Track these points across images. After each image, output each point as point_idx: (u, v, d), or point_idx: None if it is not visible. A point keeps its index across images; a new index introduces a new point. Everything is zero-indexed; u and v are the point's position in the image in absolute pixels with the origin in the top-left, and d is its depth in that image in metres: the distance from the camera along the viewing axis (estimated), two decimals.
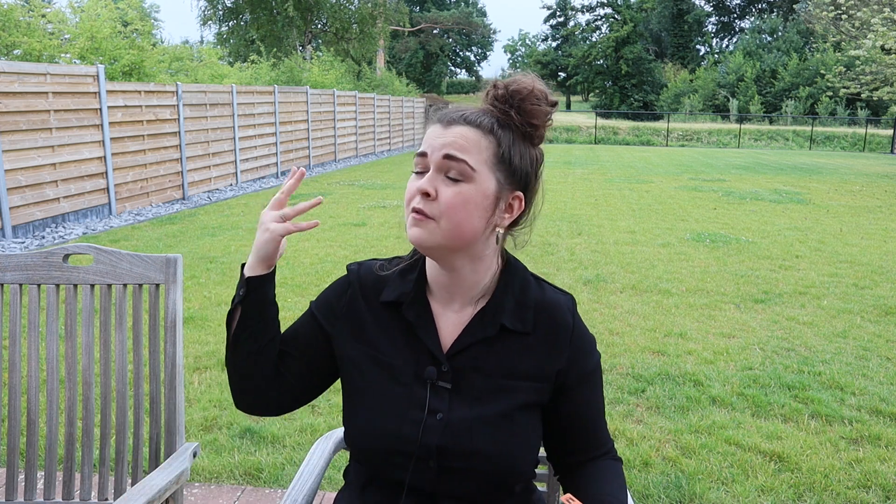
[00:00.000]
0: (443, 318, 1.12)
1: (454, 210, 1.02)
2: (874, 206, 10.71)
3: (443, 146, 1.03)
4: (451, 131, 1.04)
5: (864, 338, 4.45)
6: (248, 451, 2.87)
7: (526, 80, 1.06)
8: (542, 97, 1.05)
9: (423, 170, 1.05)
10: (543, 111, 1.06)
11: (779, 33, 48.07)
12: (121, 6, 12.36)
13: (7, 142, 7.36)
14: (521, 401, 1.09)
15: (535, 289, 1.15)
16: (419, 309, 1.12)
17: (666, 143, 29.24)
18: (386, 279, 1.16)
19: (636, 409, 3.37)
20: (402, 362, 1.11)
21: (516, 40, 75.16)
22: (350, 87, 22.48)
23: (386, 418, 1.08)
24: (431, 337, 1.10)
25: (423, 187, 1.03)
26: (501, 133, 1.05)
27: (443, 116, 1.08)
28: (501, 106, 1.06)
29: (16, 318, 1.60)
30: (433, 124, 1.08)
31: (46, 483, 1.59)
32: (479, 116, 1.05)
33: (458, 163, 1.02)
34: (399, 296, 1.13)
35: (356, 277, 1.18)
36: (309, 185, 13.20)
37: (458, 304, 1.13)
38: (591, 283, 5.69)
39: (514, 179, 1.07)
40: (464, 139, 1.03)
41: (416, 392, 1.09)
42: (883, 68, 19.94)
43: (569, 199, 10.92)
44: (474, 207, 1.04)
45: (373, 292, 1.16)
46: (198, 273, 5.91)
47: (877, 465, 2.81)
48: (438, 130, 1.05)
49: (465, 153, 1.03)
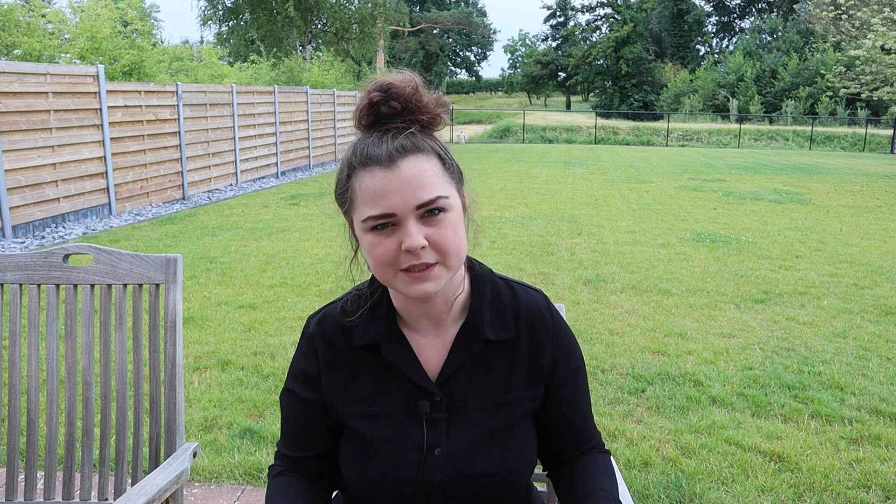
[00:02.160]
0: (424, 346, 1.07)
1: (451, 243, 0.96)
2: (874, 206, 10.71)
3: (411, 198, 0.93)
4: (401, 171, 0.94)
5: (864, 338, 4.45)
6: (248, 451, 2.87)
7: (401, 77, 0.98)
8: (422, 84, 0.99)
9: (393, 223, 0.95)
10: (435, 97, 1.00)
11: (779, 33, 48.06)
12: (121, 6, 12.36)
13: (7, 142, 7.36)
14: (519, 412, 1.08)
15: (507, 292, 1.11)
16: (397, 346, 1.06)
17: (666, 143, 29.24)
18: (353, 324, 1.09)
19: (636, 409, 3.37)
20: (393, 406, 1.06)
21: (516, 40, 75.19)
22: (350, 87, 22.47)
23: (384, 466, 1.04)
24: (417, 372, 1.05)
25: (416, 244, 0.93)
26: (432, 143, 0.99)
27: (374, 155, 0.95)
28: (405, 117, 0.98)
29: (16, 318, 1.60)
30: (365, 168, 0.95)
31: (46, 483, 1.59)
32: (409, 138, 0.97)
33: (434, 202, 0.95)
34: (373, 337, 1.07)
35: (320, 337, 1.10)
36: (309, 184, 13.20)
37: (436, 327, 1.08)
38: (591, 283, 5.69)
39: (459, 178, 1.03)
40: (421, 173, 0.95)
41: (410, 431, 1.05)
42: (883, 68, 19.94)
43: (569, 199, 10.93)
44: (460, 228, 0.99)
45: (342, 341, 1.09)
46: (198, 273, 5.91)
47: (877, 465, 2.81)
48: (384, 175, 0.94)
49: (433, 189, 0.95)
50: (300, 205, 10.27)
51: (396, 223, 0.95)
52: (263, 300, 5.14)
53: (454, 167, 1.02)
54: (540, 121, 33.21)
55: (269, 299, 5.17)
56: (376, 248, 0.96)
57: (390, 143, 0.96)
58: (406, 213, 0.94)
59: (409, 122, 0.98)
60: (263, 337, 4.33)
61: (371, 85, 0.98)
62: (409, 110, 0.98)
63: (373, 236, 0.96)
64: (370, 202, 0.95)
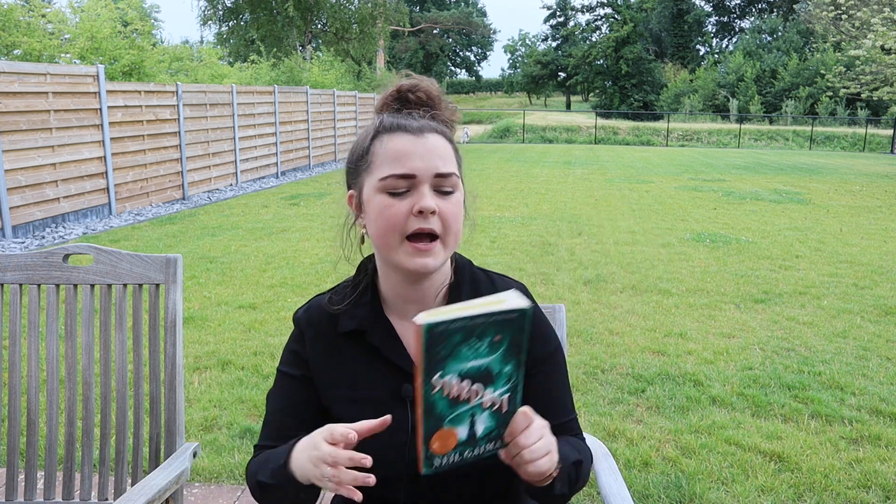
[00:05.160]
0: (409, 330, 1.12)
1: (456, 220, 1.04)
2: (874, 206, 10.71)
3: (433, 165, 1.02)
4: (427, 142, 1.03)
5: (864, 338, 4.45)
6: (248, 451, 2.87)
7: (427, 81, 1.09)
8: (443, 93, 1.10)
9: (407, 188, 1.02)
10: (452, 106, 1.11)
11: (779, 33, 48.05)
12: (121, 6, 12.37)
13: (7, 142, 7.36)
14: None
15: (485, 281, 1.16)
16: (382, 332, 1.11)
17: (666, 143, 29.23)
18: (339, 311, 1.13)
19: (636, 409, 3.37)
20: (378, 390, 1.09)
21: (516, 40, 75.09)
22: (350, 87, 22.48)
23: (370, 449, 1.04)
24: (401, 356, 1.10)
25: (429, 206, 1.00)
26: (449, 132, 1.08)
27: (404, 125, 1.04)
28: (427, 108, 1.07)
29: (16, 318, 1.60)
30: (394, 133, 1.04)
31: (46, 483, 1.59)
32: (436, 121, 1.07)
33: (449, 177, 1.03)
34: (359, 323, 1.11)
35: (306, 322, 1.15)
36: (309, 184, 13.20)
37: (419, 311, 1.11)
38: (591, 283, 5.69)
39: (461, 170, 1.10)
40: (444, 148, 1.04)
41: (396, 415, 1.06)
42: (883, 68, 19.93)
43: (569, 199, 10.93)
44: (462, 213, 1.06)
45: (329, 329, 1.13)
46: (198, 273, 5.91)
47: (877, 465, 2.81)
48: (412, 140, 1.02)
49: (451, 165, 1.04)
50: (300, 205, 10.27)
51: (412, 188, 1.01)
52: (263, 300, 5.14)
53: (461, 160, 1.11)
54: (540, 121, 33.21)
55: (269, 299, 5.17)
56: (388, 210, 1.01)
57: (420, 119, 1.05)
58: (425, 177, 1.01)
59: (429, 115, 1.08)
60: (263, 337, 4.33)
61: (400, 80, 1.09)
62: (431, 105, 1.08)
63: (386, 197, 1.02)
64: (393, 161, 1.01)
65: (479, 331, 0.81)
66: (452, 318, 0.78)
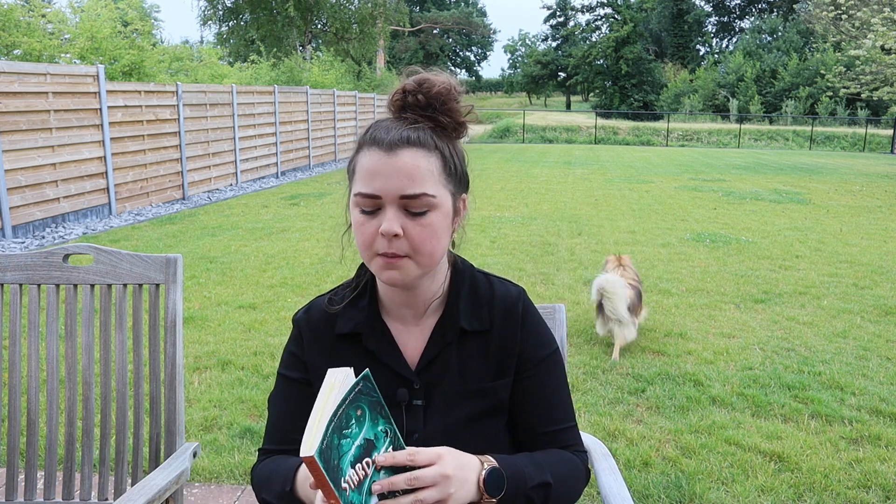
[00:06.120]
0: (404, 334, 1.12)
1: (426, 242, 1.00)
2: (874, 206, 10.71)
3: (398, 187, 0.97)
4: (398, 159, 0.98)
5: (864, 338, 4.45)
6: (247, 451, 2.87)
7: (439, 77, 1.03)
8: (459, 91, 1.03)
9: (375, 208, 0.99)
10: (465, 106, 1.05)
11: (779, 33, 48.04)
12: (121, 6, 12.37)
13: (7, 142, 7.36)
14: (493, 401, 1.10)
15: (485, 285, 1.15)
16: (378, 335, 1.11)
17: (666, 143, 29.23)
18: (337, 313, 1.13)
19: (636, 409, 3.37)
20: None
21: (516, 40, 75.11)
22: (350, 87, 22.48)
23: None
24: (397, 360, 1.10)
25: (389, 230, 0.97)
26: (441, 144, 1.02)
27: (380, 139, 0.99)
28: (426, 112, 1.02)
29: (16, 318, 1.60)
30: (370, 148, 1.00)
31: (46, 483, 1.59)
32: (418, 132, 1.00)
33: (418, 198, 0.98)
34: (355, 326, 1.11)
35: (305, 324, 1.15)
36: (309, 184, 13.20)
37: (416, 317, 1.12)
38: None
39: (460, 185, 1.07)
40: (415, 167, 0.98)
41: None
42: (883, 68, 19.92)
43: (569, 199, 10.92)
44: (442, 231, 1.02)
45: (327, 330, 1.13)
46: (198, 273, 5.91)
47: (877, 465, 2.81)
48: (381, 159, 0.98)
49: (422, 185, 0.98)
50: (300, 205, 10.27)
51: (379, 207, 0.99)
52: (263, 300, 5.14)
53: (458, 172, 1.05)
54: (540, 121, 33.20)
55: (269, 299, 5.17)
56: (360, 227, 1.02)
57: (396, 132, 1.00)
58: (390, 199, 0.98)
59: (427, 119, 1.02)
60: (263, 337, 4.33)
61: (413, 76, 1.04)
62: (431, 107, 1.02)
63: (359, 215, 1.01)
64: (363, 179, 1.00)
65: (344, 419, 0.85)
66: (324, 428, 0.82)
